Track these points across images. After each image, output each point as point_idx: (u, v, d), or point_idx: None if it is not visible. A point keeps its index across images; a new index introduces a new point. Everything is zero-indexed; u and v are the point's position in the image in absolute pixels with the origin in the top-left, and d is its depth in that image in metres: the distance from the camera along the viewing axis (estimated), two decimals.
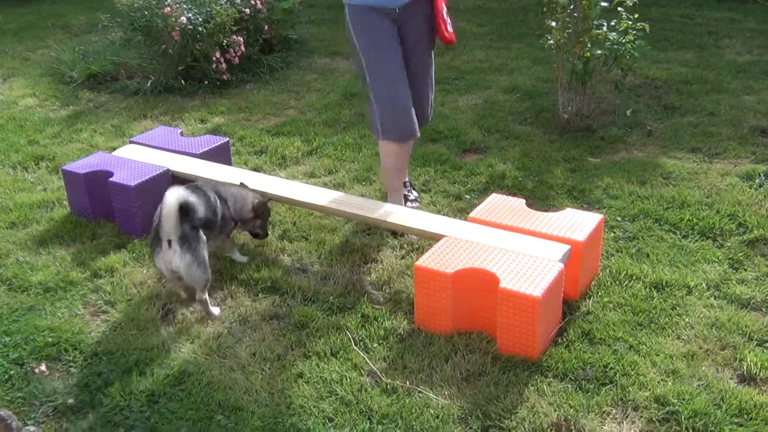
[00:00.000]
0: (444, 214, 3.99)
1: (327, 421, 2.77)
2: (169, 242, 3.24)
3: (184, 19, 6.01)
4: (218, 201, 3.58)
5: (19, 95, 6.36)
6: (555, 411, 2.76)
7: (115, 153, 4.45)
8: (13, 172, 4.92)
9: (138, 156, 4.33)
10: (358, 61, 3.85)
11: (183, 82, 6.29)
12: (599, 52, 4.94)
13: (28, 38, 8.07)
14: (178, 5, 6.13)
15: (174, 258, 3.25)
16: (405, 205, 4.04)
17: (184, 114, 5.82)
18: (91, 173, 4.14)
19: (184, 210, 3.23)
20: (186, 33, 6.09)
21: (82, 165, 4.23)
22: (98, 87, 6.45)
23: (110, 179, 4.04)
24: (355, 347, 3.14)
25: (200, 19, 6.12)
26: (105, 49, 6.92)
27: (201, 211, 3.37)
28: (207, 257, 3.35)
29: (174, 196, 3.19)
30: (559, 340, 3.13)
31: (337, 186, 4.53)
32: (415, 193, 4.26)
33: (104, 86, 6.44)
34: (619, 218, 4.06)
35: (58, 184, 4.63)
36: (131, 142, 4.61)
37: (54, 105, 6.14)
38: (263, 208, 3.76)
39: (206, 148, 4.43)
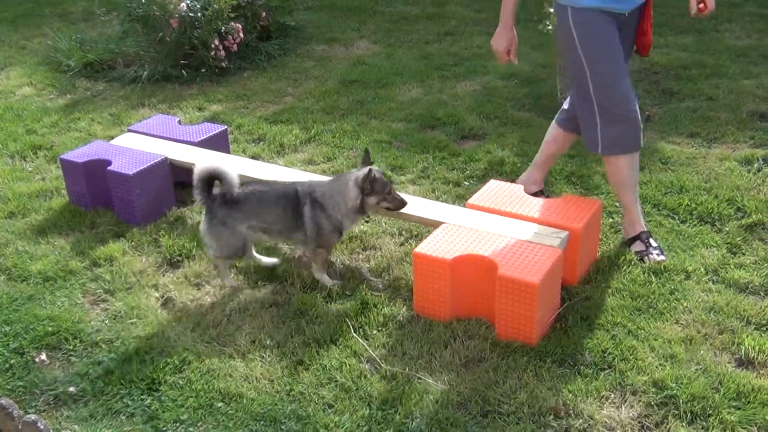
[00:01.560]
0: (443, 201, 3.99)
1: (327, 408, 2.78)
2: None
3: (184, 5, 5.98)
4: (309, 207, 3.40)
5: (16, 84, 6.34)
6: (554, 396, 2.78)
7: (113, 142, 4.45)
8: (11, 161, 4.91)
9: (136, 144, 4.32)
10: (578, 68, 3.47)
11: (181, 70, 6.26)
12: None
13: (24, 26, 8.03)
14: None
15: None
16: (649, 252, 3.57)
17: (182, 102, 5.81)
18: (90, 162, 4.13)
19: (209, 181, 3.33)
20: (184, 20, 6.06)
21: (80, 154, 4.23)
22: (96, 75, 6.43)
23: (108, 168, 4.04)
24: (354, 334, 3.15)
25: (198, 6, 6.09)
26: (102, 38, 6.89)
27: (231, 194, 3.37)
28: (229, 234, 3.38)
29: (208, 164, 3.32)
30: (558, 326, 3.13)
31: (336, 173, 4.52)
32: (655, 244, 3.65)
33: (102, 75, 6.42)
34: (617, 204, 4.05)
35: (56, 174, 4.63)
36: (129, 131, 4.61)
37: (51, 94, 6.13)
38: (368, 182, 3.36)
39: (204, 136, 4.42)
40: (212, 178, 3.34)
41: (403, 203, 3.45)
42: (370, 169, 3.34)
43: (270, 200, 3.45)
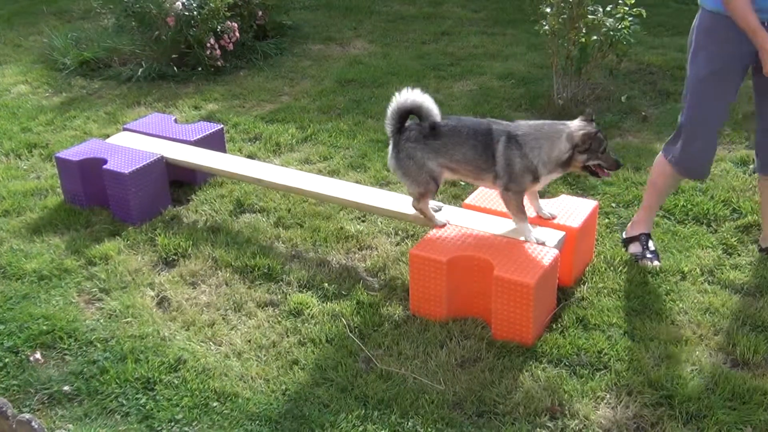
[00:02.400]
0: (439, 201, 3.99)
1: (322, 407, 2.78)
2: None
3: (179, 4, 5.97)
4: (503, 144, 3.14)
5: (11, 82, 6.31)
6: (550, 396, 2.78)
7: (108, 140, 4.44)
8: (6, 159, 4.90)
9: (132, 143, 4.31)
10: (695, 73, 3.34)
11: (177, 68, 6.25)
12: (595, 37, 4.93)
13: (20, 24, 8.01)
14: None
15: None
16: (644, 255, 3.56)
17: (178, 101, 5.79)
18: (85, 160, 4.12)
19: (405, 115, 3.21)
20: (180, 19, 6.05)
21: (75, 152, 4.21)
22: (91, 74, 6.41)
23: (104, 166, 4.03)
24: (350, 334, 3.14)
25: (194, 5, 6.07)
26: (98, 36, 6.86)
27: (420, 128, 3.22)
28: (418, 166, 3.22)
29: (408, 95, 3.17)
30: (554, 326, 3.13)
31: (332, 173, 4.52)
32: (652, 247, 3.63)
33: (97, 73, 6.40)
34: (613, 204, 4.06)
35: (51, 172, 4.61)
36: (125, 129, 4.59)
37: (47, 92, 6.11)
38: (587, 140, 3.09)
39: (200, 135, 4.41)
40: (409, 111, 3.19)
41: (618, 164, 3.21)
42: (598, 131, 3.08)
43: (460, 137, 3.20)
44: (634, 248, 3.59)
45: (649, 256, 3.54)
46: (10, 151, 4.99)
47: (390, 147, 3.29)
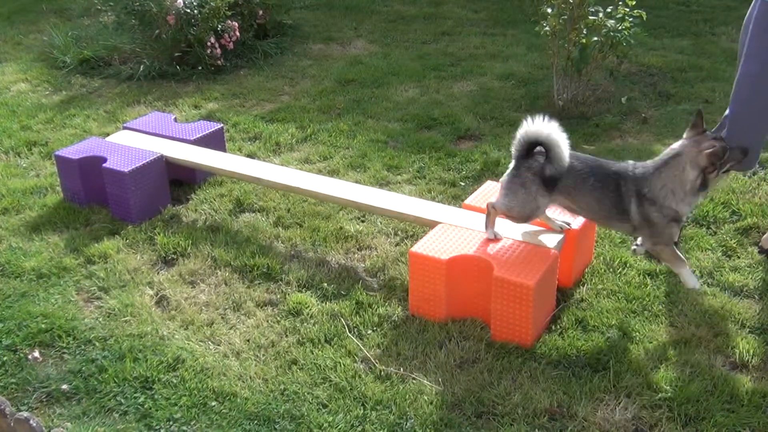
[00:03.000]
0: (439, 201, 3.99)
1: (321, 407, 2.78)
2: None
3: (180, 2, 5.97)
4: (635, 204, 2.99)
5: (11, 80, 6.31)
6: (548, 397, 2.77)
7: (108, 139, 4.43)
8: (5, 157, 4.89)
9: (132, 142, 4.31)
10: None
11: (177, 67, 6.25)
12: (595, 39, 4.93)
13: (20, 22, 8.00)
14: None
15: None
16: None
17: (178, 100, 5.79)
18: (85, 159, 4.12)
19: (533, 146, 3.01)
20: (181, 17, 6.04)
21: (75, 151, 4.21)
22: (91, 72, 6.41)
23: (104, 165, 4.02)
24: (349, 334, 3.14)
25: (195, 4, 6.07)
26: (98, 34, 6.86)
27: (552, 168, 2.99)
28: (522, 201, 3.07)
29: (536, 130, 2.95)
30: (553, 327, 3.13)
31: (332, 172, 4.52)
32: None
33: (97, 71, 6.40)
34: None
35: (51, 170, 4.61)
36: (125, 128, 4.59)
37: (46, 90, 6.10)
38: (714, 159, 2.92)
39: (200, 134, 4.41)
40: (537, 144, 2.99)
41: (745, 152, 3.06)
42: (724, 146, 2.91)
43: (585, 185, 3.04)
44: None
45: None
46: (10, 149, 4.98)
47: (511, 165, 3.12)
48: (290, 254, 3.73)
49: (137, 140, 4.33)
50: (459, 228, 3.32)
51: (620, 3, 4.91)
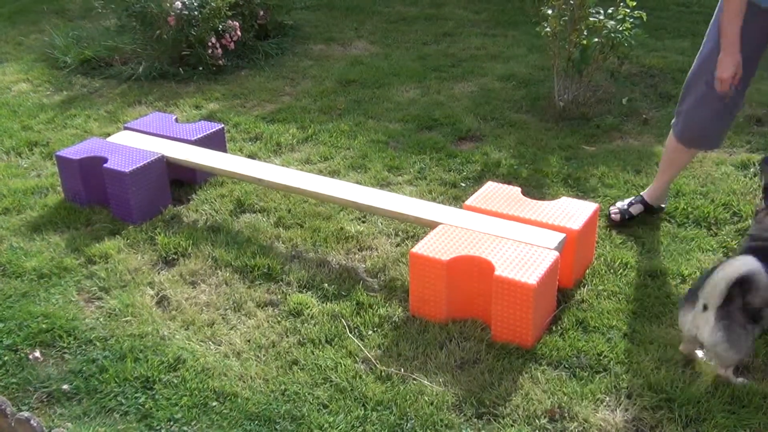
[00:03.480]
0: (439, 202, 3.99)
1: (321, 408, 2.78)
2: (705, 306, 2.74)
3: (179, 3, 5.97)
4: None
5: (12, 80, 6.31)
6: (549, 398, 2.77)
7: (109, 139, 4.43)
8: (6, 157, 4.90)
9: (132, 142, 4.31)
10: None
11: (178, 68, 6.25)
12: (596, 40, 4.93)
13: (21, 23, 8.01)
14: None
15: (704, 327, 2.75)
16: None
17: (179, 100, 5.79)
18: (86, 159, 4.12)
19: (745, 284, 2.68)
20: (181, 18, 6.05)
21: (76, 151, 4.21)
22: (92, 72, 6.41)
23: (105, 165, 4.02)
24: (349, 334, 3.14)
25: (195, 4, 6.07)
26: (99, 35, 6.87)
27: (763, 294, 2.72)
28: (747, 340, 2.75)
29: (741, 264, 2.66)
30: (554, 328, 3.13)
31: (333, 173, 4.52)
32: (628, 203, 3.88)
33: (98, 72, 6.40)
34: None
35: (51, 170, 4.61)
36: (125, 128, 4.59)
37: (47, 90, 6.10)
38: None
39: (201, 135, 4.41)
40: (740, 283, 2.68)
41: None
42: None
43: None
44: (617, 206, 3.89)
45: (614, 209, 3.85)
46: (11, 149, 4.99)
47: (711, 315, 2.74)
48: (291, 255, 3.73)
49: (138, 140, 4.33)
50: (460, 229, 3.32)
51: (621, 4, 4.92)
